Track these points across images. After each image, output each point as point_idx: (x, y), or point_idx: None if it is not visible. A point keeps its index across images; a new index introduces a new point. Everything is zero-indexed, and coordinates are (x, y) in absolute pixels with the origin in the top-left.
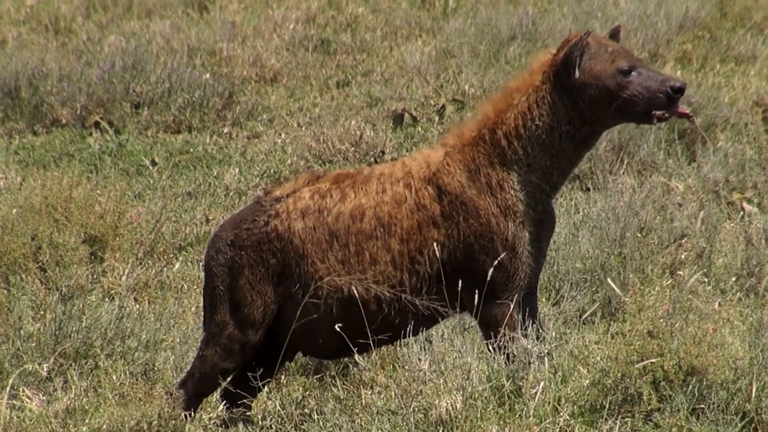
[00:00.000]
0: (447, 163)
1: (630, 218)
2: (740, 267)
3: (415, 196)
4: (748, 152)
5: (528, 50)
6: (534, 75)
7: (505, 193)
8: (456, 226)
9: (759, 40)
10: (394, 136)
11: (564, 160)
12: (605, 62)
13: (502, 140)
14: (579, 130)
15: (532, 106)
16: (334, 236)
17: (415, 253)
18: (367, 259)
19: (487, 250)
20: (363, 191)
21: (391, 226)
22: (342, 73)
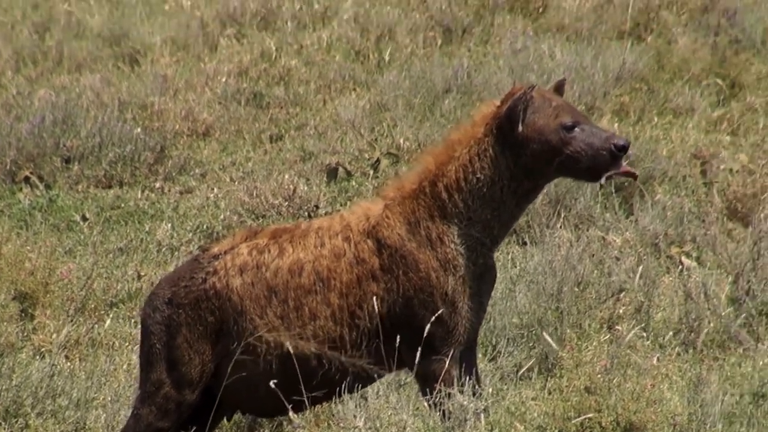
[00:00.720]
0: (386, 216)
1: (567, 272)
2: (679, 321)
3: (354, 249)
4: (686, 205)
5: (463, 103)
6: (476, 127)
7: (446, 246)
8: (395, 279)
9: (697, 92)
10: (328, 191)
11: (505, 213)
12: (548, 117)
13: (443, 193)
14: (521, 184)
15: (474, 158)
16: (273, 292)
17: (354, 307)
18: (306, 314)
19: (426, 305)
20: (301, 246)
21: (330, 281)
22: (275, 127)
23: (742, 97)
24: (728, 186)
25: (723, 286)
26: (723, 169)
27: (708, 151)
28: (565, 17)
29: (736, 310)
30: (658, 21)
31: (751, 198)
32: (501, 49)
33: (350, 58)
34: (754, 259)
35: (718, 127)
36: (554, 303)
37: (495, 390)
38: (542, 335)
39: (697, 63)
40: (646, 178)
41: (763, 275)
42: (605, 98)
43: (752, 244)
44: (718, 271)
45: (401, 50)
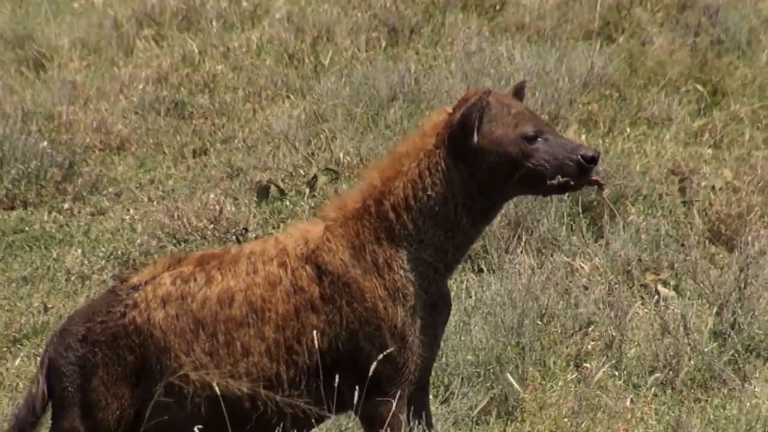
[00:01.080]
0: (327, 239)
1: (529, 303)
2: (655, 358)
3: (291, 276)
4: (663, 227)
5: (411, 112)
6: (426, 138)
7: (394, 273)
8: (338, 311)
9: (674, 99)
10: (259, 212)
11: (460, 235)
12: (507, 126)
13: (390, 213)
14: (476, 201)
15: (424, 173)
16: (200, 325)
17: (292, 341)
18: (238, 349)
19: (372, 339)
20: (231, 273)
21: (264, 312)
22: (199, 140)
23: (725, 105)
24: (710, 205)
25: (705, 319)
26: (704, 187)
27: (687, 166)
28: (525, 15)
29: (720, 346)
30: (630, 19)
31: (736, 219)
32: (453, 52)
33: (283, 62)
34: (740, 287)
35: (698, 139)
36: (514, 338)
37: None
38: (502, 374)
39: (674, 66)
40: (617, 197)
41: (749, 306)
42: (571, 106)
43: (738, 270)
44: (699, 301)
45: (341, 53)
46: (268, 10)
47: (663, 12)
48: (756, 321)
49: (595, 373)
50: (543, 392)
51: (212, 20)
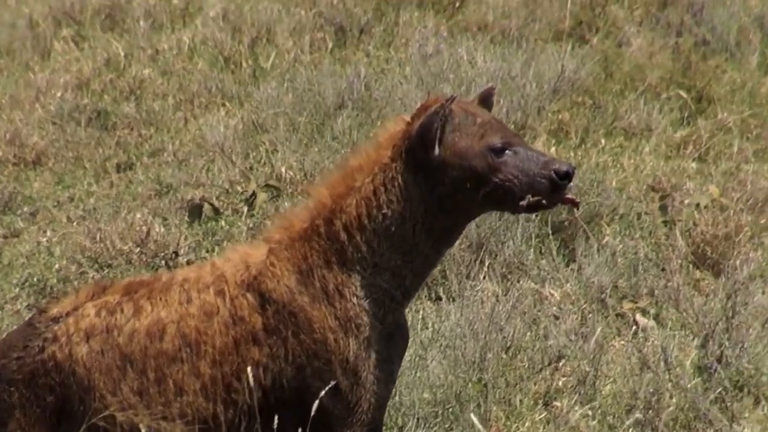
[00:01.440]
0: (271, 264)
1: (492, 335)
2: (633, 396)
3: (230, 306)
4: (642, 250)
5: (360, 122)
6: (381, 150)
7: (346, 301)
8: (283, 343)
9: (654, 107)
10: (191, 233)
11: (419, 258)
12: (473, 137)
13: (342, 233)
14: (437, 220)
15: (379, 189)
16: (128, 361)
17: (231, 378)
18: (170, 388)
19: (322, 374)
20: (162, 302)
21: (200, 345)
22: (123, 153)
23: (711, 113)
24: (694, 225)
25: (688, 352)
26: (688, 205)
27: (669, 181)
28: (488, 13)
29: (705, 382)
30: (605, 18)
31: (722, 240)
32: (407, 54)
33: (218, 65)
34: (728, 317)
35: (681, 152)
36: (476, 373)
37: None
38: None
39: (654, 70)
40: (591, 216)
41: (738, 337)
42: (539, 115)
43: (725, 298)
44: (682, 332)
45: (282, 56)
46: (201, 7)
47: (642, 10)
48: (745, 354)
49: (566, 413)
50: None
51: (139, 19)
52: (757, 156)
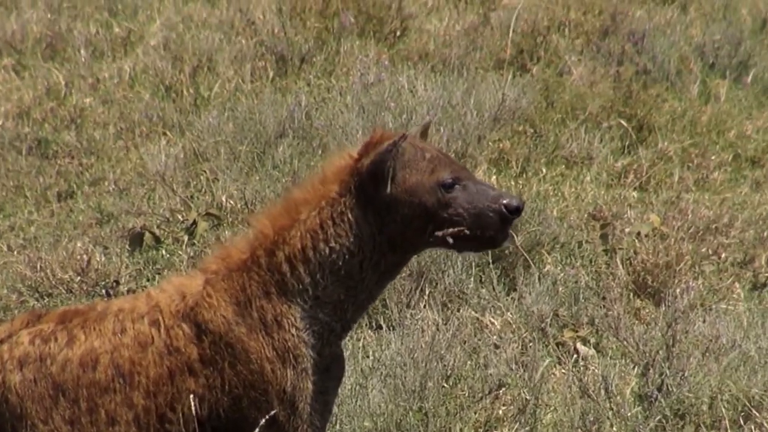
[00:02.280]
0: (208, 294)
1: (433, 363)
2: (574, 426)
3: (165, 336)
4: (582, 279)
5: (301, 151)
6: (328, 184)
7: (285, 332)
8: (220, 374)
9: (595, 136)
10: (132, 262)
11: (362, 293)
12: (422, 172)
13: (284, 265)
14: (385, 256)
15: (326, 224)
16: (61, 390)
17: (165, 409)
18: (102, 418)
19: (259, 405)
20: (96, 332)
21: (133, 376)
22: (64, 182)
23: (652, 142)
24: (635, 254)
25: (629, 380)
26: (629, 233)
27: (610, 210)
28: (429, 42)
29: (646, 411)
30: (546, 47)
31: (663, 269)
32: (349, 83)
33: (159, 94)
34: (668, 345)
35: (622, 181)
36: (417, 402)
37: None
38: None
39: (595, 99)
40: (532, 245)
41: (678, 366)
42: (480, 144)
43: (665, 326)
44: (622, 360)
45: (223, 85)
46: (142, 36)
47: (583, 38)
48: (686, 383)
49: None
50: None
51: (80, 48)
52: (697, 185)
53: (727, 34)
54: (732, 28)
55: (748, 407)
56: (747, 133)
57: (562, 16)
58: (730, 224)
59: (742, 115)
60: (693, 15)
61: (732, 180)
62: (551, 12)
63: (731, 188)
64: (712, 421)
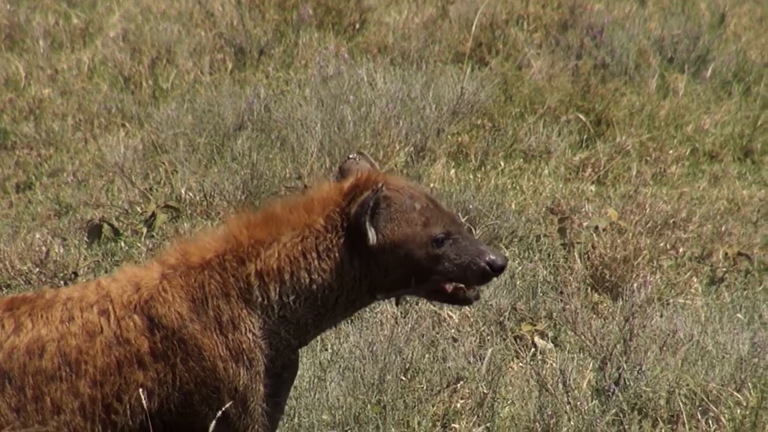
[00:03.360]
0: (164, 289)
1: (391, 357)
2: (531, 419)
3: (115, 326)
4: (540, 273)
5: (260, 143)
6: (314, 214)
7: (240, 334)
8: (171, 369)
9: (554, 129)
10: (90, 254)
11: (329, 321)
12: (413, 225)
13: (253, 278)
14: (362, 297)
15: (310, 254)
16: (7, 377)
17: (111, 399)
18: (48, 406)
19: (210, 402)
20: (44, 320)
21: (80, 365)
22: (23, 173)
23: (610, 136)
24: (593, 248)
25: (586, 374)
26: (586, 227)
27: (568, 204)
28: (387, 35)
29: (603, 404)
30: (505, 40)
31: (621, 263)
32: (308, 75)
33: (118, 86)
34: (626, 339)
35: (580, 175)
36: (375, 395)
37: None
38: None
39: (554, 93)
40: (490, 239)
41: (636, 360)
42: (439, 137)
43: (623, 321)
44: (580, 354)
45: (182, 76)
46: (101, 27)
47: (541, 32)
48: (643, 377)
49: None
50: None
51: (39, 39)
52: (655, 179)
53: (686, 28)
54: (690, 22)
55: (706, 401)
56: (705, 128)
57: (520, 10)
58: (687, 219)
59: (700, 109)
60: (651, 9)
61: (690, 174)
62: (510, 5)
63: (689, 183)
64: (669, 416)
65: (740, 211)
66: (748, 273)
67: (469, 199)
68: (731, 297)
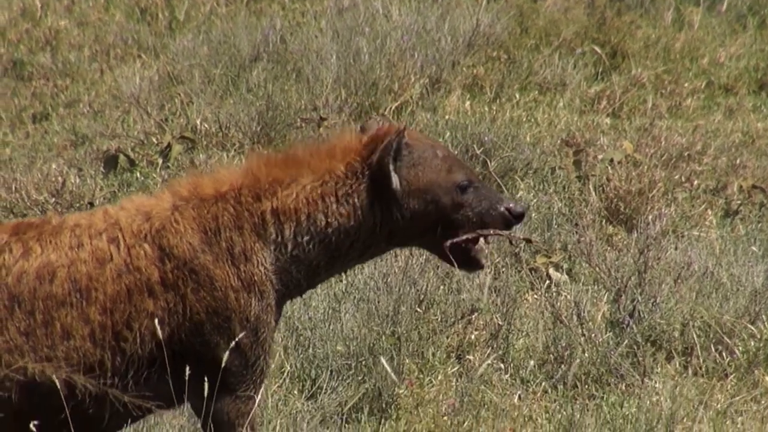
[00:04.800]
0: (176, 221)
1: (406, 288)
2: (545, 350)
3: (125, 254)
4: (555, 205)
5: (275, 74)
6: (335, 160)
7: (252, 266)
8: (182, 299)
9: (569, 62)
10: (106, 184)
11: (341, 266)
12: (439, 172)
13: (268, 215)
14: (378, 244)
15: (329, 199)
16: (16, 301)
17: (121, 326)
18: (57, 331)
19: (221, 331)
20: (53, 245)
21: (90, 291)
22: (39, 104)
23: (625, 69)
24: (608, 181)
25: (600, 306)
26: (601, 160)
27: (583, 136)
28: None
29: (617, 336)
30: None
31: (636, 196)
32: (323, 7)
33: (134, 17)
34: (640, 272)
35: (595, 107)
36: (390, 326)
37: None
38: (375, 367)
39: (569, 26)
40: (505, 171)
41: (650, 292)
42: (454, 69)
43: (637, 253)
44: (594, 287)
45: (198, 8)
46: None
47: None
48: (657, 309)
49: (478, 366)
50: (420, 387)
51: None
52: (670, 112)
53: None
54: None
55: (720, 334)
56: (720, 61)
57: None
58: (702, 151)
59: (715, 42)
60: None
61: (705, 107)
62: None
63: (704, 115)
64: (683, 348)
65: (755, 143)
66: (763, 206)
67: (484, 132)
68: (746, 229)
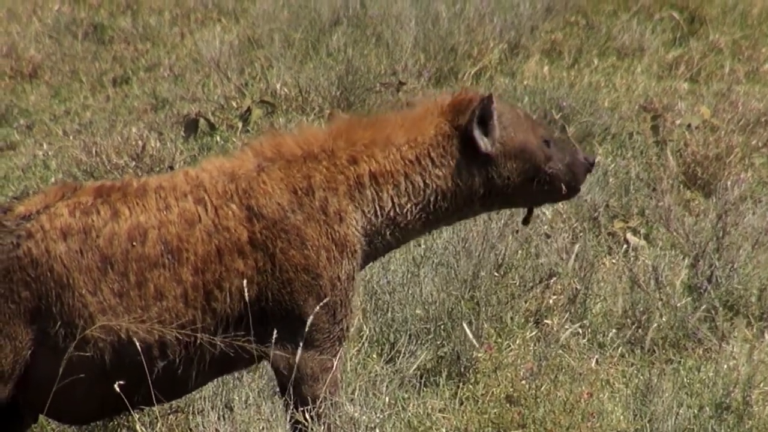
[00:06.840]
0: (263, 181)
1: (485, 253)
2: (623, 315)
3: (213, 215)
4: (633, 170)
5: (355, 39)
6: (425, 124)
7: (346, 227)
8: (270, 259)
9: (647, 27)
10: (186, 148)
11: (432, 226)
12: (527, 131)
13: (366, 178)
14: (473, 206)
15: (425, 160)
16: (109, 263)
17: (212, 286)
18: (151, 292)
19: (310, 288)
20: (140, 207)
21: (181, 252)
22: (120, 67)
23: (703, 34)
24: (686, 146)
25: (678, 271)
26: (679, 125)
27: (661, 101)
28: None
29: (695, 301)
30: None
31: (713, 161)
32: None
33: None
34: (718, 237)
35: (673, 72)
36: (468, 291)
37: (393, 399)
38: (453, 331)
39: None
40: (583, 136)
41: (728, 257)
42: (532, 34)
43: (716, 218)
44: (672, 251)
45: None
46: None
47: None
48: (735, 274)
49: (556, 331)
50: (499, 351)
51: None
52: (748, 77)
53: None
54: None
55: None
56: None
57: None
58: None
59: None
60: None
61: None
62: None
63: None
64: (760, 313)
65: None
66: None
67: (562, 96)
68: None
